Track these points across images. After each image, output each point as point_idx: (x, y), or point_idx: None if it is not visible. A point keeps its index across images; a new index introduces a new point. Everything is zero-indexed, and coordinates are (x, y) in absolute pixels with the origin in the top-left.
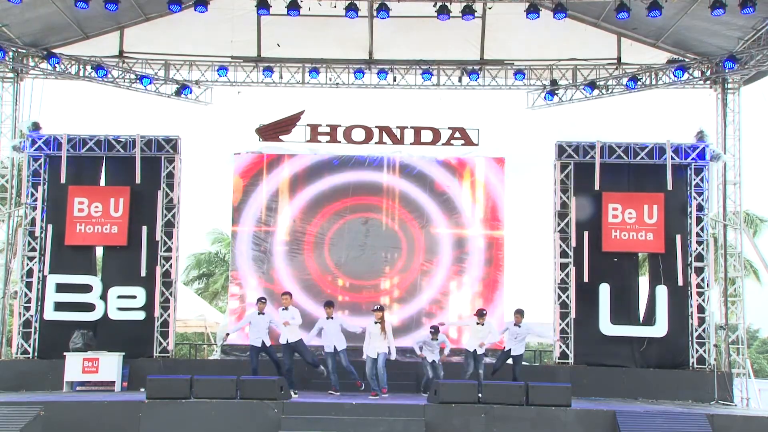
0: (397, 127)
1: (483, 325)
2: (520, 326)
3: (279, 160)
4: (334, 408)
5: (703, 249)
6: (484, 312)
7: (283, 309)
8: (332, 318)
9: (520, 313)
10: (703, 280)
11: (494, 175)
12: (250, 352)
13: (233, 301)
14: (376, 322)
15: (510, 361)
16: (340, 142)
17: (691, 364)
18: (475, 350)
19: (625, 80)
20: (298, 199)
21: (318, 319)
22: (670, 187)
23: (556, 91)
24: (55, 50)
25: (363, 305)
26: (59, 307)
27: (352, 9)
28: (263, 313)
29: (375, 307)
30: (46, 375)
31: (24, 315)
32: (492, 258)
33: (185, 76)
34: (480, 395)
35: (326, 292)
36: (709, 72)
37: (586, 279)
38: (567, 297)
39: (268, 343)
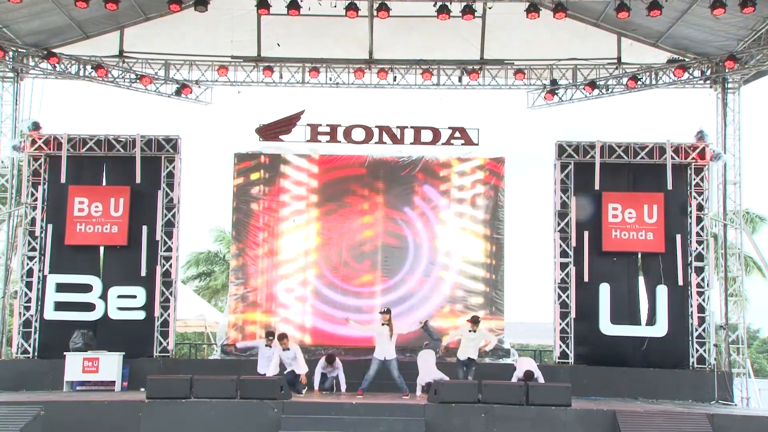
0: (397, 127)
1: (476, 332)
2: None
3: (279, 160)
4: (334, 408)
5: (703, 248)
6: (479, 319)
7: (284, 350)
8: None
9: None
10: (703, 279)
11: (494, 175)
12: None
13: (233, 301)
14: (383, 324)
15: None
16: (340, 141)
17: (691, 364)
18: (468, 358)
19: (625, 80)
20: (297, 198)
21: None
22: (670, 186)
23: (556, 91)
24: (55, 50)
25: (363, 306)
26: (59, 306)
27: (352, 9)
28: (270, 346)
29: (382, 310)
30: (46, 375)
31: (24, 315)
32: (492, 258)
33: (185, 76)
34: (480, 395)
35: (326, 292)
36: (709, 72)
37: (586, 279)
38: (567, 297)
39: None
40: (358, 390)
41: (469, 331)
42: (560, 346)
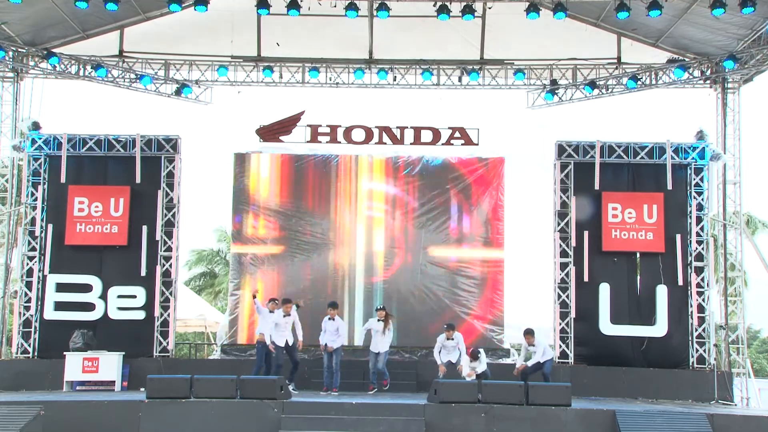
0: (397, 127)
1: (478, 360)
2: (534, 346)
3: (278, 160)
4: (334, 407)
5: (703, 249)
6: (479, 353)
7: (285, 315)
8: (333, 319)
9: (530, 333)
10: (703, 279)
11: (494, 175)
12: (277, 351)
13: (233, 301)
14: (379, 320)
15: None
16: (340, 142)
17: (691, 364)
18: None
19: (625, 80)
20: (297, 198)
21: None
22: (670, 186)
23: (556, 91)
24: (55, 50)
25: (362, 305)
26: (59, 306)
27: (352, 9)
28: (288, 315)
29: (378, 307)
30: (46, 375)
31: (24, 314)
32: (492, 258)
33: (185, 76)
34: (480, 395)
35: (326, 292)
36: (709, 72)
37: (586, 278)
38: (567, 296)
39: (291, 342)
40: (370, 385)
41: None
42: (560, 346)
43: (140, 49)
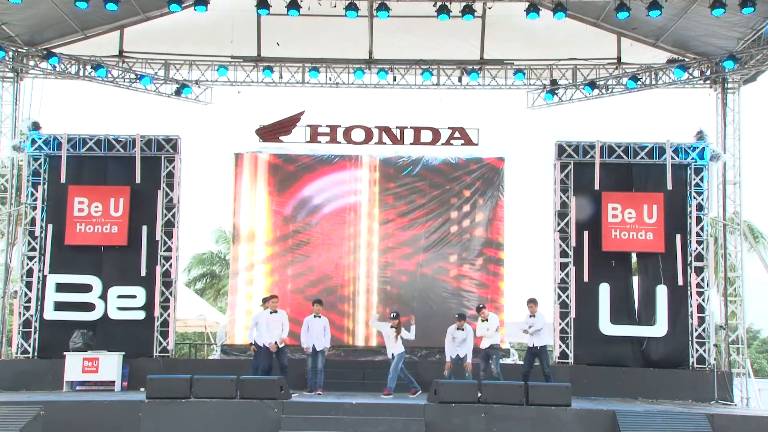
0: (397, 127)
1: (487, 320)
2: (534, 316)
3: (278, 161)
4: (334, 408)
5: (702, 249)
6: (482, 306)
7: (271, 312)
8: (319, 317)
9: (533, 302)
10: (703, 279)
11: (494, 175)
12: (264, 353)
13: (233, 300)
14: (392, 327)
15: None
16: (339, 142)
17: (691, 364)
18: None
19: (625, 80)
20: (296, 198)
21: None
22: (669, 186)
23: (556, 91)
24: (54, 50)
25: (363, 305)
26: (59, 306)
27: (352, 9)
28: (276, 312)
29: (392, 315)
30: (46, 375)
31: (24, 315)
32: (492, 258)
33: (185, 76)
34: (480, 395)
35: (325, 294)
36: (709, 72)
37: (586, 279)
38: (567, 297)
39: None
40: (384, 389)
41: (481, 321)
42: (560, 346)
43: (140, 49)
